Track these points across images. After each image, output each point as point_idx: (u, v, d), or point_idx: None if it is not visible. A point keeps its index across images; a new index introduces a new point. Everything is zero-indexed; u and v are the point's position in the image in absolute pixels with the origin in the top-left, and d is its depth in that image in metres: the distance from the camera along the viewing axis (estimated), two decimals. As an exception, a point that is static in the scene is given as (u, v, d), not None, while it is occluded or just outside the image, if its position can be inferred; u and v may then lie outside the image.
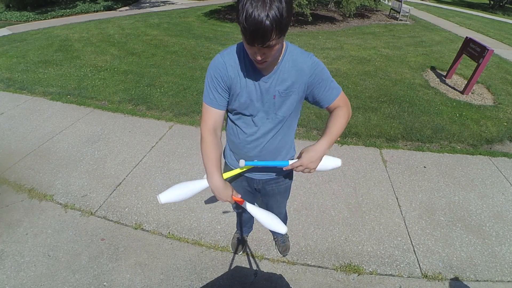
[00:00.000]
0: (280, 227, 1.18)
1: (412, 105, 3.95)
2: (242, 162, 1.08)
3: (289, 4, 0.80)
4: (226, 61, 1.02)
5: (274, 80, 1.02)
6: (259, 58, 0.89)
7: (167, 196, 1.10)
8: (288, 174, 1.40)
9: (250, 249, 2.02)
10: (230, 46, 1.06)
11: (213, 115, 1.08)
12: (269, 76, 1.02)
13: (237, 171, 1.22)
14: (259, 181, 1.36)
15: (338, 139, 3.20)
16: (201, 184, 1.13)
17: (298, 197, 2.43)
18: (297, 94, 1.06)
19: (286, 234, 2.03)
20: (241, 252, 1.98)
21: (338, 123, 1.08)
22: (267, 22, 0.77)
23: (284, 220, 1.91)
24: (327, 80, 1.07)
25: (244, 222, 1.90)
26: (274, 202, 1.57)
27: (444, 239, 2.10)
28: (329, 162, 1.16)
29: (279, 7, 0.77)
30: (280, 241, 1.99)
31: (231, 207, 1.90)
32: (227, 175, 1.21)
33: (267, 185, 1.40)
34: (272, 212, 1.68)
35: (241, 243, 1.98)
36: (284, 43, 1.00)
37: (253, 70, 1.01)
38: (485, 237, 2.12)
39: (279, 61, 1.01)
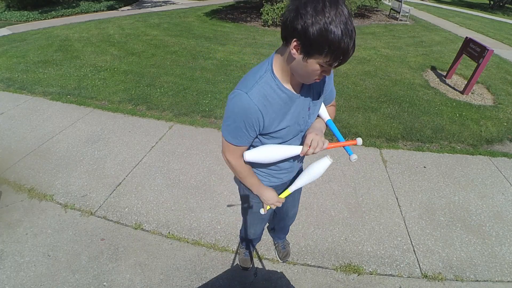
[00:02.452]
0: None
1: (412, 105, 3.95)
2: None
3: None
4: (258, 104, 0.88)
5: (304, 93, 0.97)
6: (328, 73, 0.84)
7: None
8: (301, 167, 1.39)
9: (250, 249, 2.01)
10: (248, 79, 0.91)
11: (241, 150, 1.04)
12: (300, 93, 0.96)
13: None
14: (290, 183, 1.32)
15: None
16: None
17: (298, 197, 2.43)
18: (323, 93, 1.06)
19: (286, 239, 2.02)
20: (251, 266, 1.91)
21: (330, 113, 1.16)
22: (354, 40, 0.73)
23: (288, 228, 1.89)
24: (332, 78, 1.09)
25: (257, 239, 1.82)
26: (291, 201, 1.55)
27: (444, 239, 2.10)
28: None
29: (352, 20, 0.74)
30: (281, 246, 1.97)
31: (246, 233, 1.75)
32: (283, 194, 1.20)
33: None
34: (286, 217, 1.69)
35: (251, 257, 1.93)
36: None
37: (288, 97, 0.93)
38: (485, 237, 2.12)
39: None
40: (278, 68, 0.90)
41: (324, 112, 1.10)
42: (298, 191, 1.53)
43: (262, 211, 1.17)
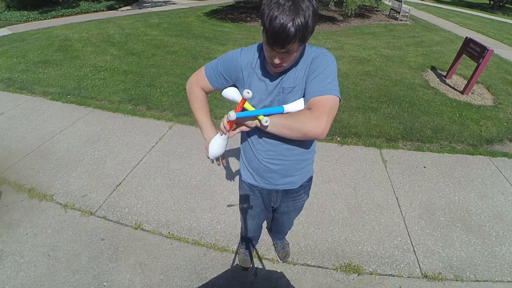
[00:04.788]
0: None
1: (412, 105, 3.95)
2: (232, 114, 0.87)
3: (315, 14, 0.80)
4: (243, 56, 1.03)
5: (281, 79, 0.99)
6: (276, 61, 0.87)
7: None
8: (307, 191, 1.37)
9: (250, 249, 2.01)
10: (254, 44, 1.07)
11: (205, 83, 1.12)
12: (278, 76, 1.00)
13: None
14: (277, 198, 1.32)
15: (338, 138, 3.20)
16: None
17: (298, 197, 2.43)
18: (300, 88, 0.97)
19: (285, 240, 2.02)
20: (251, 266, 1.91)
21: (293, 118, 0.92)
22: (292, 28, 0.76)
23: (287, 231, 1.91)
24: (322, 72, 0.92)
25: (254, 238, 1.82)
26: (286, 218, 1.56)
27: (444, 239, 2.10)
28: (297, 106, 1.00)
29: (305, 15, 0.77)
30: (280, 247, 1.97)
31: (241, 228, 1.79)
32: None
33: (284, 203, 1.37)
34: (282, 226, 1.70)
35: (251, 257, 1.93)
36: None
37: (264, 71, 1.01)
38: (485, 237, 2.12)
39: (295, 64, 0.98)
40: None
41: (293, 105, 0.97)
42: (297, 211, 1.51)
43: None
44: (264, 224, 2.15)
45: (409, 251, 2.01)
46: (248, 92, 0.82)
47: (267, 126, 0.91)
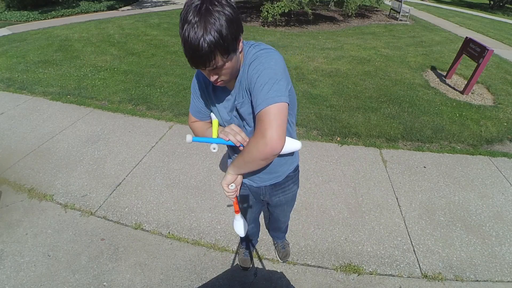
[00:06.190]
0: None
1: (412, 105, 3.95)
2: (189, 138, 0.95)
3: (230, 20, 0.72)
4: (199, 75, 1.04)
5: (237, 93, 0.95)
6: (212, 79, 0.82)
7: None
8: (295, 181, 1.37)
9: (250, 249, 2.01)
10: None
11: (196, 120, 1.16)
12: (233, 90, 0.96)
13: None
14: (266, 192, 1.33)
15: (338, 138, 3.20)
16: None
17: (298, 197, 2.41)
18: (248, 102, 0.92)
19: (285, 239, 2.02)
20: (251, 266, 1.91)
21: (243, 152, 0.89)
22: (205, 45, 0.69)
23: (286, 228, 1.91)
24: (256, 82, 0.82)
25: (253, 236, 1.83)
26: (280, 211, 1.56)
27: (444, 239, 2.10)
28: (289, 146, 1.01)
29: (217, 28, 0.70)
30: (280, 246, 1.97)
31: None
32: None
33: (274, 196, 1.37)
34: (278, 221, 1.70)
35: (251, 257, 1.93)
36: (243, 51, 0.89)
37: (219, 90, 0.99)
38: (485, 237, 2.12)
39: (240, 72, 0.90)
40: None
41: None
42: (289, 203, 1.52)
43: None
44: (264, 224, 2.16)
45: (409, 251, 2.01)
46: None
47: (215, 151, 0.99)
